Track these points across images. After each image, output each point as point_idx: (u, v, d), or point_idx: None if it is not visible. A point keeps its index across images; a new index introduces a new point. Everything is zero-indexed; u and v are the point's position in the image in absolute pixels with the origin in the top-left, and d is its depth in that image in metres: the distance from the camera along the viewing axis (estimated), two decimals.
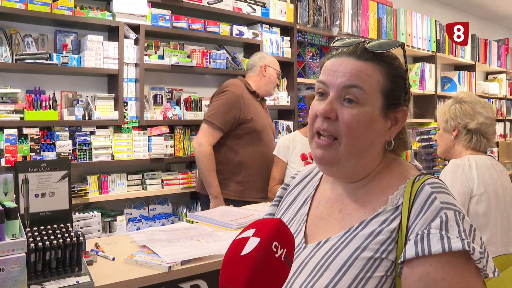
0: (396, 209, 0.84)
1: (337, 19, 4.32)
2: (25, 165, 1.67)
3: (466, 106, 1.98)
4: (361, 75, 0.86)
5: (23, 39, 2.88)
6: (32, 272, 1.46)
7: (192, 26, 3.44)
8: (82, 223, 2.83)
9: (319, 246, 0.87)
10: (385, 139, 0.90)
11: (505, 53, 7.04)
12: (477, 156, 1.95)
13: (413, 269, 0.77)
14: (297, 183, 1.07)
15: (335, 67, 0.88)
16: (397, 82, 0.89)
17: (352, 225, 0.86)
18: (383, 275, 0.79)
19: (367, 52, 0.88)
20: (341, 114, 0.86)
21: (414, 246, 0.77)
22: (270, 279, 0.66)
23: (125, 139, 3.14)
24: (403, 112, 0.91)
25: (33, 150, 2.77)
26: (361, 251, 0.81)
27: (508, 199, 1.95)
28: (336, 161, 0.88)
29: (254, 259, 0.65)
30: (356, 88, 0.86)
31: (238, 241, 0.69)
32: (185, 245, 1.89)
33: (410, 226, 0.80)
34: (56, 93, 2.99)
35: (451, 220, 0.77)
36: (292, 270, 0.87)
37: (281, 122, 4.04)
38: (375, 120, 0.87)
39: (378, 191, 0.88)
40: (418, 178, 0.85)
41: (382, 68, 0.87)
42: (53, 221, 1.66)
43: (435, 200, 0.80)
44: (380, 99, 0.87)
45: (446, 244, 0.75)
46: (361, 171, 0.90)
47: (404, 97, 0.91)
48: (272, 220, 0.70)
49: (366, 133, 0.86)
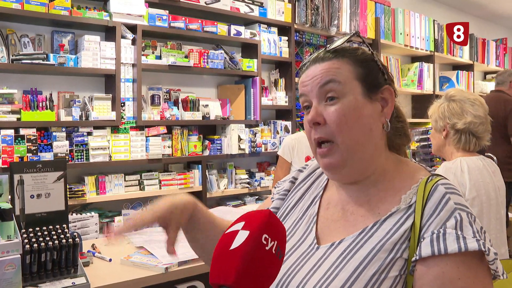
0: (409, 208, 0.83)
1: (335, 18, 4.32)
2: (20, 165, 1.66)
3: (454, 105, 1.94)
4: (331, 71, 0.88)
5: (20, 39, 2.87)
6: (28, 274, 1.46)
7: (190, 26, 3.43)
8: (80, 224, 2.82)
9: (333, 247, 0.86)
10: (381, 122, 0.90)
11: (503, 53, 7.04)
12: (468, 158, 1.91)
13: (428, 268, 0.76)
14: (304, 178, 1.06)
15: (307, 77, 0.91)
16: (368, 65, 0.90)
17: (366, 225, 0.85)
18: (397, 274, 0.79)
19: (328, 53, 0.91)
20: (327, 115, 0.87)
21: (430, 244, 0.77)
22: (261, 272, 0.64)
23: (123, 139, 3.13)
24: (387, 91, 0.91)
25: (30, 151, 2.76)
26: (377, 252, 0.80)
27: (501, 200, 1.94)
28: (343, 163, 0.87)
29: (243, 253, 0.64)
30: (332, 82, 0.87)
31: (227, 235, 0.67)
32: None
33: (423, 225, 0.80)
34: (53, 94, 2.98)
35: (465, 221, 0.78)
36: (305, 271, 0.86)
37: (279, 122, 4.03)
38: (361, 106, 0.87)
39: (390, 191, 0.88)
40: (430, 178, 0.86)
41: (347, 59, 0.89)
42: (49, 222, 1.65)
43: (450, 200, 0.80)
44: (359, 85, 0.88)
45: (462, 244, 0.75)
46: (369, 165, 0.89)
47: (383, 77, 0.91)
48: (261, 212, 0.69)
49: (358, 121, 0.86)
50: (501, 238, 1.91)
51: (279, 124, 4.03)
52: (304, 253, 0.89)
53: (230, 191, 3.72)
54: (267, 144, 3.89)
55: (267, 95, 3.96)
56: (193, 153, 3.47)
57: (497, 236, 1.89)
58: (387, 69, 0.94)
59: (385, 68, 0.93)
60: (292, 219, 0.99)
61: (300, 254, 0.90)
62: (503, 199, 1.97)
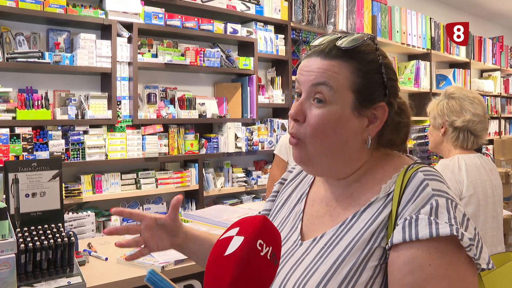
0: (388, 196, 0.82)
1: (331, 16, 4.31)
2: (15, 164, 1.65)
3: (454, 103, 1.93)
4: (327, 73, 0.84)
5: (15, 37, 2.85)
6: (23, 273, 1.45)
7: (186, 24, 3.42)
8: (76, 223, 2.81)
9: (315, 242, 0.86)
10: (362, 138, 0.87)
11: (500, 51, 7.06)
12: (466, 155, 1.91)
13: (399, 254, 0.75)
14: (293, 177, 1.06)
15: (306, 66, 0.88)
16: (370, 78, 0.85)
17: (346, 218, 0.85)
18: (377, 264, 0.78)
19: (336, 50, 0.86)
20: (309, 115, 0.85)
21: (402, 231, 0.75)
22: (255, 278, 0.64)
23: (119, 138, 3.11)
24: (381, 108, 0.86)
25: (26, 150, 2.75)
26: (356, 242, 0.80)
27: (498, 198, 1.94)
28: (309, 160, 0.86)
29: (238, 259, 0.63)
30: (324, 85, 0.83)
31: (222, 241, 0.67)
32: None
33: (400, 213, 0.78)
34: (49, 92, 2.97)
35: (442, 207, 0.76)
36: (288, 267, 0.86)
37: (276, 120, 4.03)
38: (345, 119, 0.84)
39: (371, 183, 0.87)
40: (412, 166, 0.84)
41: (349, 65, 0.84)
42: (44, 221, 1.64)
43: (427, 187, 0.78)
44: (351, 97, 0.84)
45: (434, 229, 0.73)
46: (343, 169, 0.88)
47: (382, 92, 0.87)
48: (256, 218, 0.68)
49: (335, 132, 0.84)
50: (498, 236, 1.92)
51: (275, 123, 4.02)
52: (288, 250, 0.90)
53: (227, 189, 3.71)
54: (264, 142, 3.88)
55: (263, 93, 3.95)
56: (190, 152, 3.46)
57: (493, 234, 1.89)
58: (394, 82, 0.90)
59: (390, 82, 0.88)
60: (280, 217, 1.00)
61: (285, 251, 0.90)
62: (500, 197, 1.97)
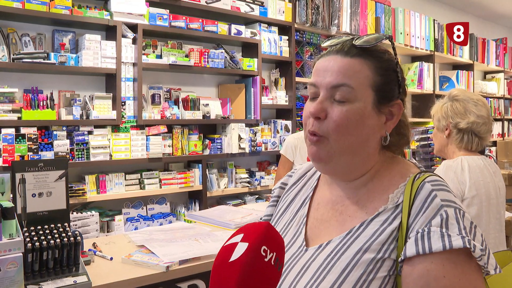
0: (396, 207, 0.83)
1: (335, 18, 4.32)
2: (22, 164, 1.67)
3: (458, 105, 1.94)
4: (348, 73, 0.85)
5: (21, 38, 2.87)
6: (29, 272, 1.46)
7: (190, 25, 3.43)
8: (80, 222, 2.83)
9: (321, 249, 0.86)
10: (380, 135, 0.88)
11: (503, 52, 7.05)
12: (469, 157, 1.92)
13: (413, 267, 0.76)
14: (295, 182, 1.06)
15: (324, 66, 0.88)
16: (388, 76, 0.87)
17: (353, 226, 0.85)
18: (386, 275, 0.79)
19: (355, 48, 0.87)
20: (331, 112, 0.85)
21: (415, 244, 0.76)
22: (260, 284, 0.65)
23: (123, 138, 3.13)
24: (397, 106, 0.89)
25: (31, 150, 2.77)
26: (364, 252, 0.80)
27: (501, 200, 1.94)
28: (329, 157, 0.87)
29: (243, 265, 0.64)
30: (345, 86, 0.84)
31: (227, 247, 0.68)
32: (183, 245, 1.89)
33: (410, 224, 0.79)
34: (54, 93, 2.98)
35: (452, 218, 0.77)
36: (294, 273, 0.86)
37: (279, 122, 4.03)
38: (367, 116, 0.85)
39: (379, 190, 0.87)
40: (418, 176, 0.84)
41: (370, 63, 0.86)
42: (50, 220, 1.65)
43: (436, 198, 0.79)
44: (371, 94, 0.86)
45: (447, 241, 0.75)
46: (357, 168, 0.89)
47: (397, 90, 0.89)
48: (260, 224, 0.70)
49: (358, 129, 0.85)
50: (500, 238, 1.92)
51: (279, 124, 4.03)
52: (293, 255, 0.90)
53: (230, 190, 3.72)
54: (267, 143, 3.89)
55: (267, 94, 3.96)
56: (194, 152, 3.47)
57: (496, 236, 1.89)
58: (404, 81, 0.92)
59: (403, 81, 0.90)
60: (283, 221, 1.00)
61: (289, 256, 0.90)
62: (504, 199, 1.97)
